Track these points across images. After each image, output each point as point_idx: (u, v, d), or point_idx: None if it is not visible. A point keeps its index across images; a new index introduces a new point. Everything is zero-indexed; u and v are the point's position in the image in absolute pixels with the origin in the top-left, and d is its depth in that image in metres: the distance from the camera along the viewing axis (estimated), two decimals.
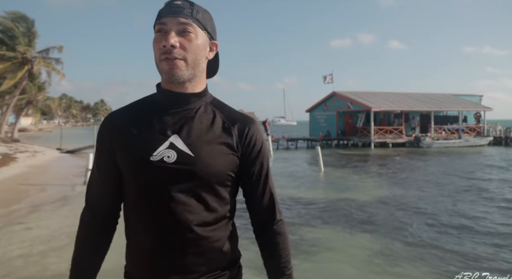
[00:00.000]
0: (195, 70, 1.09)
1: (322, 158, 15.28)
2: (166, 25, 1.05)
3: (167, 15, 1.06)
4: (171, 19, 1.05)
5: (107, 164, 1.12)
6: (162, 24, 1.05)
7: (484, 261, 5.29)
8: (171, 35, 1.04)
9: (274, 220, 1.19)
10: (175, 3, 1.07)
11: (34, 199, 9.21)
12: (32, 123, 55.82)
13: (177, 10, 1.06)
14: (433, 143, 27.21)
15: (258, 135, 1.15)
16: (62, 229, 6.67)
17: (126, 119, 1.11)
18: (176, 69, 1.05)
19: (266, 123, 31.43)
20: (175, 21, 1.05)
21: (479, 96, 35.93)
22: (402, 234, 6.57)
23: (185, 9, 1.06)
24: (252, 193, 1.17)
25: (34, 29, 25.84)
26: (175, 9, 1.06)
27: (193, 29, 1.06)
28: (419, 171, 15.45)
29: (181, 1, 1.07)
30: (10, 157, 16.63)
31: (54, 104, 43.90)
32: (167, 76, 1.06)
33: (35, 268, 4.92)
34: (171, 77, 1.06)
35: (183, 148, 1.05)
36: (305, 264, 5.26)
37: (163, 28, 1.05)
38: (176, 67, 1.05)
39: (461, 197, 9.85)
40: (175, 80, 1.07)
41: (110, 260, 1.06)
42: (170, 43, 1.03)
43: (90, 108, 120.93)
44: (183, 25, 1.05)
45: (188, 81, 1.09)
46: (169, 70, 1.05)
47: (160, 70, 1.09)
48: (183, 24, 1.05)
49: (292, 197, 9.87)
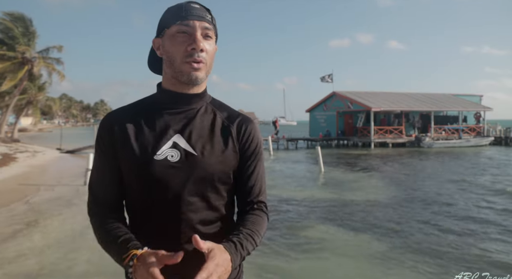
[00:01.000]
0: (209, 73, 1.13)
1: (322, 158, 15.29)
2: (191, 27, 1.06)
3: (191, 17, 1.06)
4: (197, 22, 1.07)
5: (106, 164, 1.12)
6: (187, 26, 1.06)
7: (484, 261, 5.29)
8: (199, 38, 1.06)
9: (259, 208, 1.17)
10: (194, 6, 1.09)
11: (34, 199, 9.21)
12: (32, 123, 55.79)
13: (201, 14, 1.08)
14: (434, 143, 27.15)
15: (255, 133, 1.17)
16: (61, 229, 6.68)
17: (127, 119, 1.11)
18: (199, 72, 1.08)
19: (276, 123, 31.68)
20: (200, 25, 1.07)
21: (479, 96, 35.93)
22: (402, 234, 6.57)
23: (206, 14, 1.09)
24: (244, 188, 1.16)
25: (33, 29, 25.83)
26: (199, 13, 1.08)
27: (212, 34, 1.10)
28: (419, 171, 15.45)
29: (199, 5, 1.10)
30: (10, 157, 16.64)
31: (55, 105, 43.82)
32: (189, 78, 1.07)
33: (34, 267, 4.92)
34: (194, 79, 1.08)
35: (186, 148, 1.07)
36: (305, 263, 5.27)
37: (188, 30, 1.06)
38: (199, 71, 1.08)
39: (462, 197, 9.85)
40: (195, 82, 1.09)
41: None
42: (200, 47, 1.05)
43: (90, 108, 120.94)
44: (207, 30, 1.08)
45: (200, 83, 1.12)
46: (192, 72, 1.07)
47: (181, 71, 1.08)
48: (207, 29, 1.08)
49: (292, 197, 9.87)
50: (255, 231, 1.09)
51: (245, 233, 1.06)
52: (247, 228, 1.08)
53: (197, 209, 1.06)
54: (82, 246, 5.73)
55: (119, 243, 1.02)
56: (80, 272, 4.82)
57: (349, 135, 30.79)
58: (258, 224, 1.12)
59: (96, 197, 1.13)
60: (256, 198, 1.16)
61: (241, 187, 1.17)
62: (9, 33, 24.82)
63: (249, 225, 1.10)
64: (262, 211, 1.17)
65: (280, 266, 5.16)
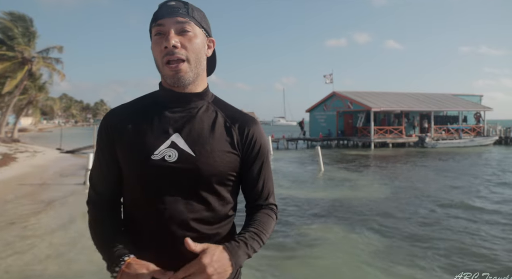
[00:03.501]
0: (198, 69, 1.09)
1: (322, 158, 15.28)
2: (164, 26, 1.04)
3: (163, 16, 1.04)
4: (169, 19, 1.03)
5: (107, 162, 1.11)
6: (160, 26, 1.04)
7: (484, 261, 5.28)
8: (171, 35, 1.02)
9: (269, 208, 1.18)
10: (169, 4, 1.06)
11: (33, 198, 9.20)
12: (32, 123, 55.78)
13: (173, 10, 1.04)
14: (438, 143, 27.01)
15: (259, 135, 1.15)
16: (60, 228, 6.67)
17: (127, 117, 1.10)
18: (181, 73, 1.04)
19: (302, 123, 31.72)
20: (173, 21, 1.03)
21: (479, 96, 35.90)
22: (402, 234, 6.56)
23: (180, 8, 1.05)
24: (252, 192, 1.17)
25: (33, 29, 25.82)
26: (171, 10, 1.04)
27: (192, 27, 1.05)
28: (420, 171, 15.44)
29: (175, 2, 1.06)
30: (10, 157, 16.63)
31: (55, 105, 43.78)
32: (172, 80, 1.05)
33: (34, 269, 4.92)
34: (177, 81, 1.05)
35: (184, 147, 1.05)
36: (305, 262, 5.27)
37: (162, 30, 1.04)
38: (180, 71, 1.04)
39: (463, 197, 9.84)
40: (181, 84, 1.06)
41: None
42: (171, 43, 1.01)
43: (90, 108, 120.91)
44: (182, 24, 1.04)
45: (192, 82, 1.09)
46: (173, 75, 1.04)
47: (164, 75, 1.07)
48: (182, 23, 1.04)
49: (292, 196, 9.86)
50: (262, 230, 1.09)
51: (251, 232, 1.07)
52: (254, 227, 1.08)
53: (195, 209, 1.05)
54: (81, 245, 5.72)
55: (109, 245, 1.04)
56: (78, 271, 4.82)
57: (349, 135, 30.78)
58: (265, 222, 1.12)
59: (95, 189, 1.14)
60: (265, 201, 1.17)
61: (249, 191, 1.16)
62: (9, 33, 24.81)
63: (257, 224, 1.10)
64: (271, 210, 1.17)
65: (280, 266, 5.16)
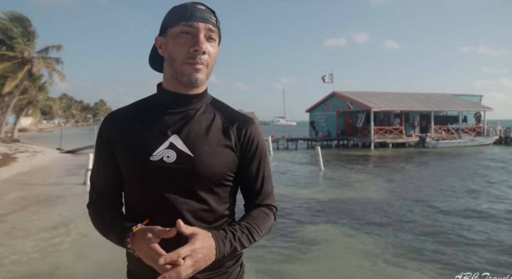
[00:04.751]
0: (209, 74, 1.13)
1: (322, 158, 15.29)
2: (195, 29, 1.05)
3: (195, 19, 1.06)
4: (201, 24, 1.06)
5: (107, 163, 1.13)
6: (191, 27, 1.05)
7: (484, 261, 5.28)
8: (202, 40, 1.05)
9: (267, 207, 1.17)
10: (199, 7, 1.08)
11: (33, 198, 9.21)
12: (32, 123, 55.81)
13: (205, 15, 1.07)
14: (438, 143, 27.04)
15: (257, 135, 1.16)
16: (59, 228, 6.68)
17: (127, 119, 1.12)
18: (199, 74, 1.07)
19: (313, 123, 31.78)
20: (205, 26, 1.06)
21: (479, 96, 35.92)
22: (402, 234, 6.56)
23: (211, 16, 1.09)
24: (250, 192, 1.17)
25: (32, 29, 25.84)
26: (203, 15, 1.07)
27: (216, 37, 1.10)
28: (421, 171, 15.45)
29: (204, 7, 1.09)
30: (10, 157, 16.63)
31: (55, 105, 43.78)
32: (189, 79, 1.07)
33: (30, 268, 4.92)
34: (194, 81, 1.07)
35: (183, 148, 1.06)
36: (305, 263, 5.27)
37: (191, 31, 1.06)
38: (200, 72, 1.07)
39: (463, 197, 9.84)
40: (195, 84, 1.08)
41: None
42: (203, 49, 1.05)
43: (90, 108, 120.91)
44: (210, 33, 1.07)
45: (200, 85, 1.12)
46: (193, 73, 1.06)
47: (181, 71, 1.07)
48: (211, 31, 1.07)
49: (292, 196, 9.87)
50: (254, 225, 1.08)
51: (242, 226, 1.07)
52: (245, 222, 1.09)
53: (194, 209, 1.06)
54: (81, 245, 5.73)
55: (115, 224, 1.05)
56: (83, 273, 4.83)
57: (349, 135, 30.79)
58: (260, 219, 1.11)
59: (96, 191, 1.15)
60: (263, 201, 1.17)
61: (247, 190, 1.17)
62: (8, 33, 24.82)
63: (249, 219, 1.10)
64: (270, 210, 1.17)
65: (280, 266, 5.16)
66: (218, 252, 0.97)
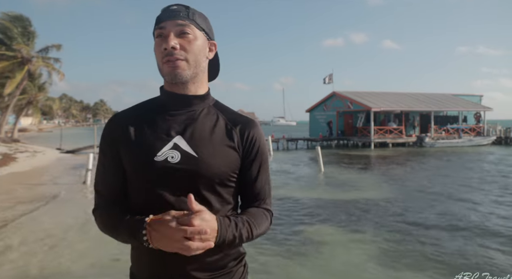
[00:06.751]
0: (197, 69, 1.12)
1: (322, 158, 15.29)
2: (164, 28, 1.08)
3: (164, 19, 1.09)
4: (169, 22, 1.08)
5: (111, 165, 1.13)
6: (161, 28, 1.09)
7: (484, 261, 5.29)
8: (170, 37, 1.07)
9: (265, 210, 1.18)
10: (171, 8, 1.11)
11: (33, 198, 9.21)
12: (32, 123, 55.84)
13: (174, 13, 1.09)
14: (436, 143, 27.14)
15: (259, 138, 1.17)
16: (58, 228, 6.68)
17: (131, 121, 1.13)
18: (178, 69, 1.08)
19: (330, 124, 31.81)
20: (173, 23, 1.08)
21: (479, 96, 35.92)
22: (402, 234, 6.57)
23: (181, 12, 1.10)
24: (248, 194, 1.18)
25: (31, 28, 25.86)
26: (172, 13, 1.09)
27: (191, 30, 1.10)
28: (420, 170, 15.45)
29: (177, 6, 1.11)
30: (10, 157, 16.65)
31: (55, 105, 43.80)
32: (170, 77, 1.09)
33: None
34: (174, 77, 1.08)
35: (187, 149, 1.08)
36: (305, 263, 5.27)
37: (162, 32, 1.09)
38: (178, 67, 1.08)
39: (464, 197, 9.84)
40: (178, 79, 1.09)
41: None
42: (170, 45, 1.06)
43: (90, 108, 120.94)
44: (181, 27, 1.08)
45: (190, 81, 1.12)
46: (171, 71, 1.08)
47: (163, 72, 1.11)
48: (181, 25, 1.08)
49: (292, 197, 9.87)
50: (253, 221, 1.10)
51: (243, 219, 1.08)
52: (246, 216, 1.10)
53: None
54: (80, 244, 5.73)
55: (125, 220, 1.04)
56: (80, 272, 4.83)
57: (349, 135, 30.80)
58: (258, 217, 1.12)
59: (101, 195, 1.15)
60: (260, 205, 1.17)
61: (245, 192, 1.17)
62: (8, 32, 24.83)
63: (248, 215, 1.11)
64: (267, 211, 1.18)
65: (280, 266, 5.16)
66: (219, 235, 0.98)
